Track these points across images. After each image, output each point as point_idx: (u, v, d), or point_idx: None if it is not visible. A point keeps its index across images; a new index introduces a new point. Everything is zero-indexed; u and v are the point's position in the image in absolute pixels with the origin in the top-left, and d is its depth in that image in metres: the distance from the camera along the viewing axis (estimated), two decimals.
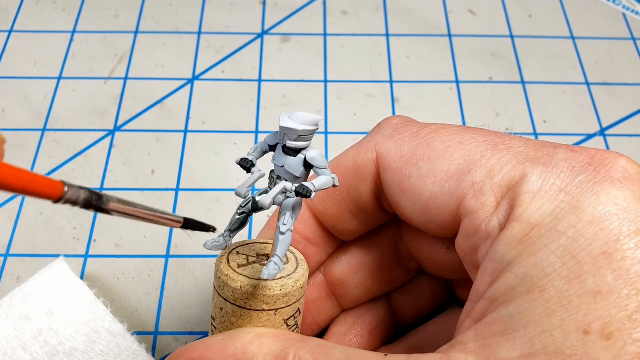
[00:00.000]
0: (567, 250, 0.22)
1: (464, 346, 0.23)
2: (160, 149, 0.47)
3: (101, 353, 0.36)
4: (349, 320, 0.35)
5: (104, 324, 0.37)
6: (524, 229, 0.24)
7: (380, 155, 0.30)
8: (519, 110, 0.50)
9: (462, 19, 0.56)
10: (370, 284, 0.34)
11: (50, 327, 0.36)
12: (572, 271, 0.22)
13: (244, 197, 0.27)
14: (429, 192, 0.27)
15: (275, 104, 0.50)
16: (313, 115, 0.25)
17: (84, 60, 0.52)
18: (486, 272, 0.25)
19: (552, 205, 0.24)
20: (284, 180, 0.26)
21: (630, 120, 0.50)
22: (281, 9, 0.56)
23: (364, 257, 0.34)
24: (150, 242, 0.42)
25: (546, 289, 0.22)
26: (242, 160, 0.27)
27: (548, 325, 0.22)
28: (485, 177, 0.26)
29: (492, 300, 0.24)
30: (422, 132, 0.29)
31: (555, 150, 0.26)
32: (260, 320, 0.28)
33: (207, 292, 0.40)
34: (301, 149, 0.26)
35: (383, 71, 0.52)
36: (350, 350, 0.25)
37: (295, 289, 0.28)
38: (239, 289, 0.27)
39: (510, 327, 0.22)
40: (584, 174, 0.24)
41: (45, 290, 0.37)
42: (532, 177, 0.25)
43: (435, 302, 0.36)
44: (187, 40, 0.54)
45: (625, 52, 0.54)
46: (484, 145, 0.27)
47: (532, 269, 0.23)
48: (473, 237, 0.26)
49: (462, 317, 0.26)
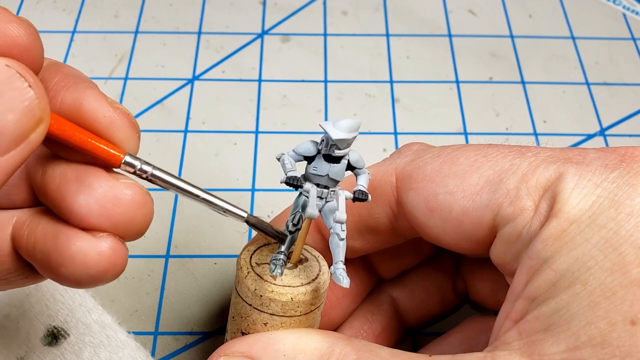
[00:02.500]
0: (608, 243, 0.22)
1: (508, 345, 0.23)
2: (160, 149, 0.47)
3: (90, 344, 0.36)
4: (355, 325, 0.35)
5: (93, 315, 0.37)
6: (562, 225, 0.24)
7: (401, 178, 0.29)
8: (519, 110, 0.50)
9: (462, 19, 0.56)
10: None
11: (39, 320, 0.36)
12: (615, 263, 0.22)
13: (316, 216, 0.26)
14: (459, 207, 0.27)
15: (275, 104, 0.50)
16: (356, 121, 0.25)
17: (84, 60, 0.52)
18: (523, 270, 0.24)
19: (590, 200, 0.24)
20: (324, 187, 0.26)
21: (630, 120, 0.50)
22: (281, 9, 0.56)
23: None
24: (150, 242, 0.42)
25: (588, 282, 0.22)
26: (290, 178, 0.26)
27: (592, 318, 0.21)
28: (519, 182, 0.26)
29: (532, 299, 0.24)
30: (443, 152, 0.29)
31: (586, 151, 0.26)
32: (308, 321, 0.28)
33: (207, 292, 0.40)
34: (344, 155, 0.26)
35: (383, 71, 0.52)
36: (395, 351, 0.25)
37: (328, 284, 0.28)
38: (290, 301, 0.27)
39: (553, 322, 0.22)
40: (618, 169, 0.24)
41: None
42: (568, 175, 0.25)
43: (442, 305, 0.35)
44: (187, 40, 0.54)
45: (625, 52, 0.54)
46: (511, 154, 0.27)
47: (572, 264, 0.23)
48: (515, 244, 0.25)
49: (499, 319, 0.25)
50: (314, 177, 0.26)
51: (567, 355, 0.21)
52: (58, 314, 0.37)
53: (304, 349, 0.26)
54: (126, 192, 0.24)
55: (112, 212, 0.23)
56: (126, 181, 0.24)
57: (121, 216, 0.23)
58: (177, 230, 0.43)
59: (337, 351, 0.26)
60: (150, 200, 0.25)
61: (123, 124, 0.24)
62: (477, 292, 0.34)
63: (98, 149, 0.23)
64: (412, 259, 0.35)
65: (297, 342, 0.26)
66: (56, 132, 0.23)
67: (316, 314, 0.29)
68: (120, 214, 0.23)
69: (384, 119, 0.49)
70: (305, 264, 0.29)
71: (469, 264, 0.35)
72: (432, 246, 0.35)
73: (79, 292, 0.38)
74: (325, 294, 0.29)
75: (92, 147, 0.23)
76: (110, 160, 0.24)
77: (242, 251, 0.30)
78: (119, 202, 0.23)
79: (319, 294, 0.28)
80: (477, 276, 0.34)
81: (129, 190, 0.24)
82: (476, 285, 0.34)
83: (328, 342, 0.26)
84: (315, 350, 0.26)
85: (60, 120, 0.23)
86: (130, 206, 0.24)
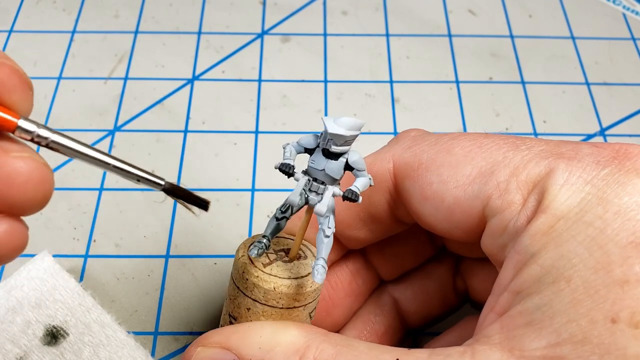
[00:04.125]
0: (593, 241, 0.22)
1: (488, 338, 0.23)
2: (160, 149, 0.47)
3: (90, 344, 0.36)
4: (358, 326, 0.35)
5: (93, 315, 0.37)
6: (550, 221, 0.24)
7: (398, 165, 0.29)
8: (519, 110, 0.50)
9: (462, 19, 0.56)
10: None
11: (38, 320, 0.36)
12: (599, 261, 0.22)
13: (298, 205, 0.27)
14: (451, 197, 0.27)
15: (275, 104, 0.50)
16: (358, 120, 0.25)
17: (84, 60, 0.52)
18: (509, 264, 0.24)
19: (578, 197, 0.24)
20: (321, 182, 0.26)
21: (630, 120, 0.50)
22: (281, 9, 0.56)
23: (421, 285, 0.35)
24: (150, 242, 0.42)
25: (572, 279, 0.22)
26: (284, 165, 0.26)
27: (574, 315, 0.22)
28: (510, 176, 0.26)
29: (517, 293, 0.24)
30: (440, 141, 0.29)
31: (579, 146, 0.26)
32: (290, 317, 0.28)
33: (207, 292, 0.40)
34: (343, 153, 0.26)
35: (383, 71, 0.52)
36: (372, 345, 0.25)
37: (321, 283, 0.28)
38: (272, 290, 0.27)
39: (535, 318, 0.22)
40: (610, 166, 0.24)
41: (30, 283, 0.38)
42: (557, 171, 0.25)
43: (443, 305, 0.35)
44: (187, 40, 0.54)
45: (625, 52, 0.54)
46: (505, 147, 0.27)
47: (558, 260, 0.23)
48: (501, 236, 0.26)
49: (484, 311, 0.26)
50: (312, 170, 0.26)
51: (548, 351, 0.22)
52: (57, 314, 0.37)
53: (279, 342, 0.26)
54: (21, 168, 0.21)
55: (5, 194, 0.21)
56: (20, 154, 0.21)
57: (17, 197, 0.21)
58: (177, 230, 0.43)
59: (314, 346, 0.25)
60: (50, 173, 0.22)
61: (12, 81, 0.21)
62: (477, 291, 0.34)
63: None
64: (412, 260, 0.35)
65: (273, 335, 0.26)
66: None
67: (301, 312, 0.28)
68: (16, 195, 0.21)
69: (384, 119, 0.49)
70: (303, 261, 0.29)
71: (468, 263, 0.35)
72: (433, 247, 0.35)
73: (79, 292, 0.38)
74: (315, 296, 0.29)
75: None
76: (1, 126, 0.21)
77: (246, 239, 0.30)
78: (13, 182, 0.21)
79: (304, 292, 0.28)
80: (477, 276, 0.34)
81: (24, 165, 0.21)
82: (476, 284, 0.34)
83: (304, 337, 0.26)
84: (290, 345, 0.26)
85: None
86: (27, 185, 0.21)
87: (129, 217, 0.43)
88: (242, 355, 0.26)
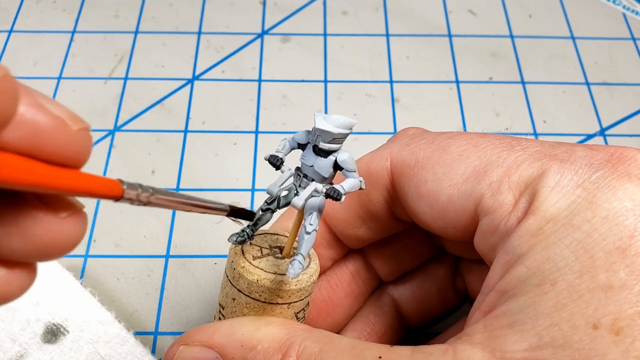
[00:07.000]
0: (580, 245, 0.22)
1: (471, 337, 0.23)
2: (160, 149, 0.47)
3: (90, 341, 0.36)
4: (358, 327, 0.35)
5: (92, 312, 0.37)
6: (539, 223, 0.24)
7: (395, 162, 0.30)
8: (519, 110, 0.50)
9: (462, 19, 0.56)
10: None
11: (38, 318, 0.36)
12: (585, 265, 0.22)
13: (275, 196, 0.27)
14: (445, 195, 0.27)
15: (275, 104, 0.50)
16: (348, 119, 0.25)
17: (84, 60, 0.52)
18: (498, 264, 0.24)
19: (569, 200, 0.24)
20: (311, 179, 0.26)
21: (630, 120, 0.50)
22: (281, 9, 0.56)
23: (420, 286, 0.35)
24: (150, 242, 0.42)
25: (557, 283, 0.22)
26: (272, 157, 0.27)
27: (557, 319, 0.22)
28: (503, 176, 0.26)
29: (503, 293, 0.24)
30: (437, 139, 0.29)
31: (573, 148, 0.26)
32: (273, 313, 0.28)
33: (207, 292, 0.40)
34: (333, 151, 0.26)
35: (383, 71, 0.52)
36: (356, 341, 0.25)
37: (309, 284, 0.28)
38: (255, 282, 0.27)
39: (518, 319, 0.22)
40: (602, 170, 0.24)
41: None
42: (550, 173, 0.24)
43: (443, 305, 0.36)
44: (187, 40, 0.54)
45: (625, 52, 0.54)
46: (500, 147, 0.27)
47: (544, 262, 0.23)
48: (492, 237, 0.26)
49: (472, 309, 0.26)
50: (302, 166, 0.27)
51: (529, 354, 0.21)
52: (57, 311, 0.37)
53: (261, 340, 0.26)
54: (70, 235, 0.19)
55: (49, 253, 0.19)
56: (70, 219, 0.19)
57: (56, 252, 0.19)
58: (177, 230, 0.43)
59: (296, 343, 0.25)
60: (86, 229, 0.20)
61: (87, 145, 0.19)
62: (476, 291, 0.34)
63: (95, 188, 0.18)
64: (412, 260, 0.35)
65: (255, 332, 0.26)
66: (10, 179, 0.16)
67: (285, 310, 0.28)
68: (57, 253, 0.19)
69: (384, 119, 0.49)
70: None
71: (467, 263, 0.35)
72: (432, 247, 0.35)
73: (79, 290, 0.38)
74: (302, 296, 0.28)
75: (85, 188, 0.18)
76: (108, 196, 0.19)
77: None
78: (60, 245, 0.19)
79: (287, 289, 0.27)
80: (476, 275, 0.34)
81: (74, 231, 0.19)
82: (475, 284, 0.34)
83: (287, 334, 0.26)
84: (273, 342, 0.26)
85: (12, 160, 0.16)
86: (72, 246, 0.20)
87: (129, 217, 0.43)
88: (224, 353, 0.26)
